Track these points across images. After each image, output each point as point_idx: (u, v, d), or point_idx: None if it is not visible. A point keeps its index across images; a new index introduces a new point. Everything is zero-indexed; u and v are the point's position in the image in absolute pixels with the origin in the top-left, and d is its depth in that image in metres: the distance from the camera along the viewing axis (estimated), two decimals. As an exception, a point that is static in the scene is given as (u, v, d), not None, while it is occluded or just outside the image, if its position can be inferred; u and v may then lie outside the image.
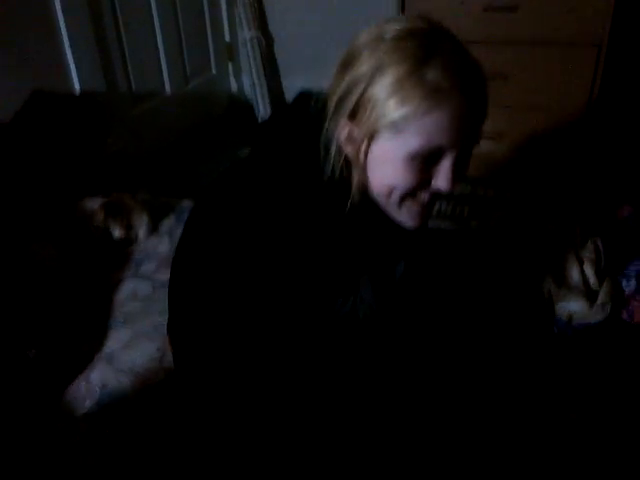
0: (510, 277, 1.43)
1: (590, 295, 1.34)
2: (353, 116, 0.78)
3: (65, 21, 2.00)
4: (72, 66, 2.07)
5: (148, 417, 1.13)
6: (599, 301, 1.32)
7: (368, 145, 0.78)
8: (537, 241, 1.51)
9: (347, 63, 0.79)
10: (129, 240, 1.74)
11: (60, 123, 1.97)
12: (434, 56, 0.74)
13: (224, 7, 2.74)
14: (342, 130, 0.80)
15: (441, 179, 0.78)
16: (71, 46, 2.03)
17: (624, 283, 1.37)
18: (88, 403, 1.17)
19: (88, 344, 1.33)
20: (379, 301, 0.90)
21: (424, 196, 0.81)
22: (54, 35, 2.00)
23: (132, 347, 1.31)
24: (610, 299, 1.31)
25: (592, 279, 1.37)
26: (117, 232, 1.73)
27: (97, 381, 1.22)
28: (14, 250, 1.48)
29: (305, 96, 0.89)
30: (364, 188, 0.84)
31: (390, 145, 0.76)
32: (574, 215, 1.65)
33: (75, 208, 1.74)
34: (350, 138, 0.80)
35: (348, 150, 0.81)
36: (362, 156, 0.80)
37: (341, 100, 0.78)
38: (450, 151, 0.76)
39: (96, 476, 1.03)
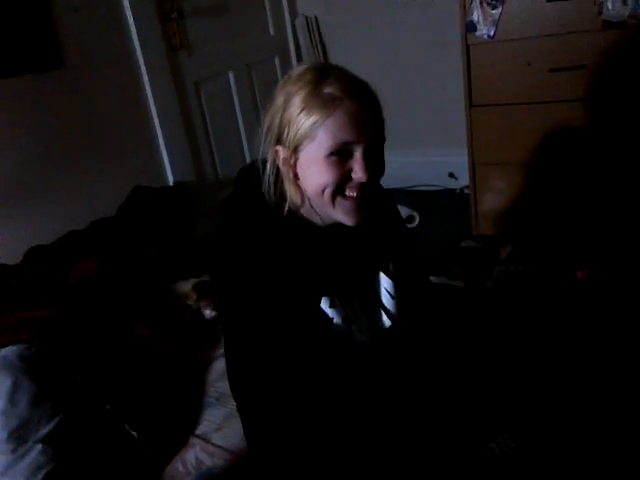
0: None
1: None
2: (279, 140, 0.97)
3: (160, 124, 2.27)
4: (167, 163, 2.30)
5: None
6: None
7: (296, 158, 0.96)
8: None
9: (268, 104, 0.99)
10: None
11: (157, 212, 2.16)
12: (327, 77, 0.93)
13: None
14: (275, 155, 0.98)
15: (357, 170, 0.93)
16: (165, 145, 2.28)
17: None
18: (185, 483, 1.22)
19: (183, 424, 1.40)
20: (368, 318, 1.03)
21: (351, 191, 0.95)
22: (150, 137, 2.26)
23: (225, 427, 1.37)
24: None
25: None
26: (208, 312, 1.83)
27: (192, 461, 1.28)
28: (117, 331, 1.61)
29: (243, 168, 1.10)
30: (300, 203, 0.99)
31: (310, 151, 0.93)
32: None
33: (170, 290, 1.87)
34: (281, 159, 0.97)
35: (283, 169, 0.98)
36: (292, 171, 0.97)
37: (268, 131, 0.98)
38: (357, 145, 0.92)
39: None
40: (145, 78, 2.20)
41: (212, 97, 2.52)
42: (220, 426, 1.38)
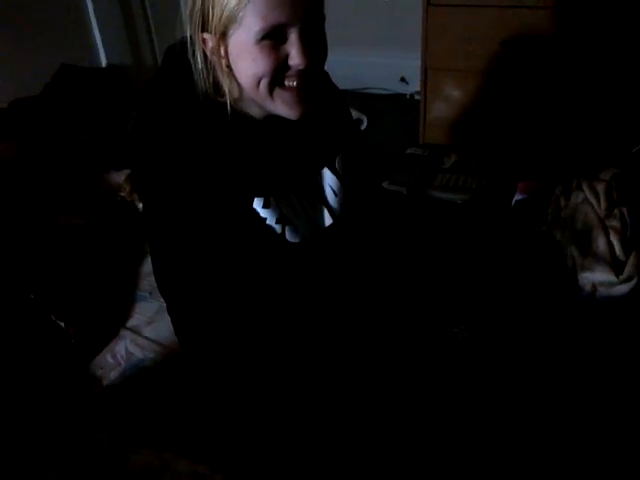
0: (531, 246, 1.42)
1: (616, 266, 1.30)
2: (204, 27, 0.84)
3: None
4: (99, 40, 2.10)
5: (169, 388, 1.17)
6: (625, 273, 1.28)
7: (225, 47, 0.84)
8: (559, 211, 1.48)
9: None
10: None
11: (87, 95, 2.00)
12: None
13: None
14: (203, 45, 0.86)
15: (294, 55, 0.83)
16: (98, 21, 2.07)
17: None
18: (113, 374, 1.22)
19: (114, 316, 1.37)
20: (310, 216, 0.99)
21: (290, 81, 0.85)
22: (81, 9, 2.03)
23: (157, 320, 1.35)
24: (637, 272, 1.27)
25: (618, 249, 1.33)
26: (142, 205, 1.76)
27: (122, 353, 1.26)
28: (43, 220, 1.53)
29: (171, 46, 0.96)
30: (238, 95, 0.89)
31: (238, 37, 0.82)
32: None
33: (101, 180, 1.78)
34: (209, 49, 0.86)
35: (214, 60, 0.87)
36: (224, 61, 0.86)
37: (191, 16, 0.85)
38: (292, 27, 0.81)
39: (120, 442, 1.08)
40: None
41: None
42: (152, 319, 1.37)
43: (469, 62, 1.99)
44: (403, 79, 2.70)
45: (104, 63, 2.14)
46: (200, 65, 0.87)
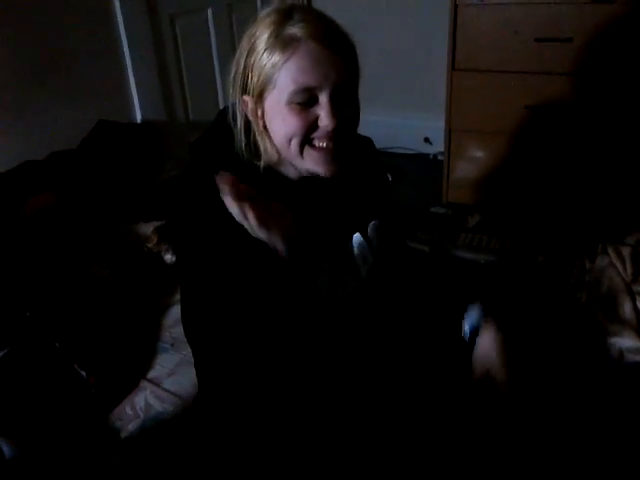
0: (556, 309, 1.40)
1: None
2: (245, 89, 0.91)
3: (131, 56, 2.14)
4: (135, 98, 2.19)
5: (188, 442, 1.16)
6: (654, 340, 1.25)
7: (262, 108, 0.90)
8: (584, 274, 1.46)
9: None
10: (180, 265, 1.79)
11: (122, 149, 2.07)
12: (291, 18, 0.87)
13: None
14: (243, 106, 0.92)
15: (323, 117, 0.87)
16: (135, 79, 2.17)
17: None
18: (132, 426, 1.21)
19: (135, 367, 1.38)
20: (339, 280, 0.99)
21: (320, 142, 0.89)
22: (120, 69, 2.14)
23: (177, 373, 1.36)
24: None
25: (646, 316, 1.31)
26: (169, 256, 1.79)
27: (142, 405, 1.26)
28: (72, 269, 1.56)
29: (223, 108, 1.00)
30: (277, 156, 0.93)
31: (273, 98, 0.88)
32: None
33: (130, 232, 1.82)
34: (249, 110, 0.91)
35: (253, 121, 0.92)
36: (261, 122, 0.91)
37: (234, 80, 0.92)
38: (322, 90, 0.86)
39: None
40: (117, 3, 2.06)
41: (188, 34, 2.39)
42: (172, 371, 1.37)
43: (492, 124, 2.03)
44: (427, 139, 2.75)
45: (139, 119, 2.23)
46: (239, 126, 0.92)
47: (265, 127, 0.92)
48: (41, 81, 1.88)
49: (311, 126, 0.88)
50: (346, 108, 0.89)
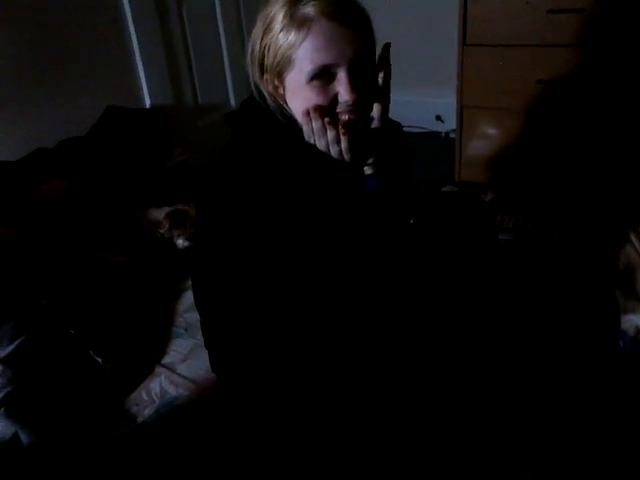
0: (574, 286, 1.38)
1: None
2: (262, 69, 0.92)
3: (138, 41, 2.12)
4: (143, 83, 2.18)
5: (202, 426, 1.17)
6: (672, 318, 1.23)
7: (283, 87, 0.92)
8: (603, 249, 1.44)
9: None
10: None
11: (131, 135, 2.07)
12: None
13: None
14: (266, 85, 0.94)
15: (343, 92, 0.88)
16: (143, 64, 2.15)
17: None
18: (148, 411, 1.22)
19: (150, 353, 1.39)
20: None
21: (343, 116, 0.90)
22: (128, 54, 2.13)
23: (192, 358, 1.36)
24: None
25: (664, 293, 1.28)
26: (181, 241, 1.79)
27: (157, 390, 1.27)
28: (86, 255, 1.57)
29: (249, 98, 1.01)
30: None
31: (292, 77, 0.89)
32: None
33: (141, 217, 1.82)
34: (272, 88, 0.93)
35: (278, 99, 0.94)
36: (283, 100, 0.93)
37: (251, 60, 0.93)
38: (340, 67, 0.87)
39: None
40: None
41: (195, 17, 2.36)
42: (186, 357, 1.38)
43: (505, 100, 1.99)
44: (439, 117, 2.71)
45: (148, 104, 2.22)
46: (269, 101, 0.95)
47: (286, 104, 0.94)
48: (49, 69, 1.88)
49: (332, 102, 0.90)
50: (365, 80, 0.90)
